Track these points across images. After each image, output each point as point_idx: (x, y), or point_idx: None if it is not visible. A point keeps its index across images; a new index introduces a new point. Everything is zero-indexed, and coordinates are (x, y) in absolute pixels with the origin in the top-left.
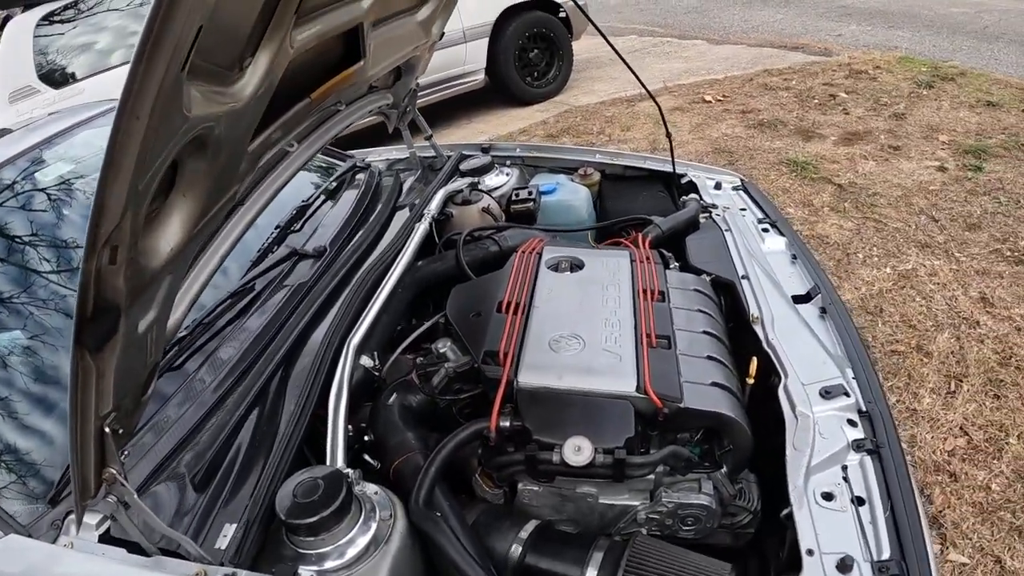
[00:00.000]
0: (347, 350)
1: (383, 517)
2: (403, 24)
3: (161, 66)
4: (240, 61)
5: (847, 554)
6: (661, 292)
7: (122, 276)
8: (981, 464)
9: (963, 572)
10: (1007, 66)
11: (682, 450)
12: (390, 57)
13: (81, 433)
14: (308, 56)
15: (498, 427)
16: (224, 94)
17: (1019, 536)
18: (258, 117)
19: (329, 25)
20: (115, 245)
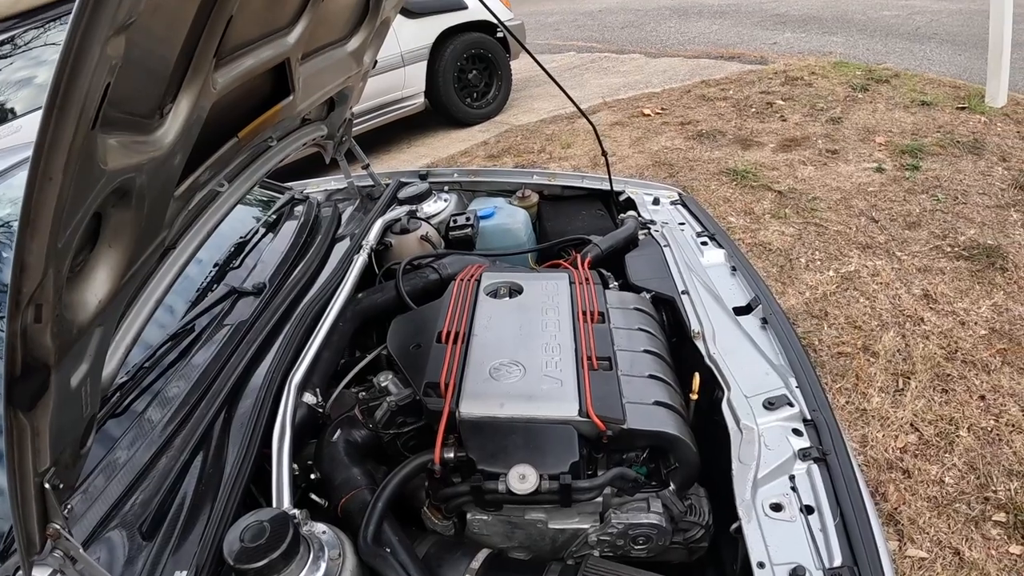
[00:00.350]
0: (289, 389)
1: (332, 556)
2: (333, 56)
3: (70, 125)
4: (160, 108)
5: (798, 564)
6: (601, 313)
7: (48, 333)
8: (933, 459)
9: (922, 566)
10: (939, 65)
11: (628, 471)
12: (321, 89)
13: (21, 491)
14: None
15: (442, 459)
16: (144, 142)
17: (975, 527)
18: (183, 162)
19: (254, 63)
20: (39, 303)
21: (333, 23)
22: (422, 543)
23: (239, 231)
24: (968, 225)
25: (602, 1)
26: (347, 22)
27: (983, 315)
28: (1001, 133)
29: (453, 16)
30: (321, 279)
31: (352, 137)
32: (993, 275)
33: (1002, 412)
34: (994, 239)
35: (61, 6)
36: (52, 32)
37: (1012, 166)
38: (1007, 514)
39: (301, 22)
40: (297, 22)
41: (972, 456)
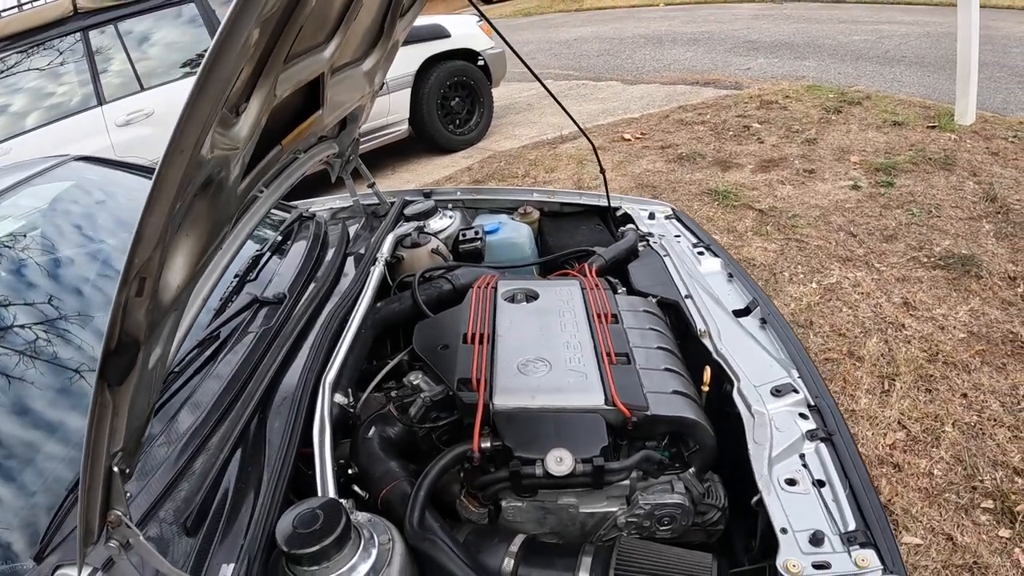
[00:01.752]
0: (323, 388)
1: (382, 542)
2: (352, 74)
3: (209, 104)
4: (238, 106)
5: (817, 529)
6: (614, 315)
7: (144, 308)
8: (922, 453)
9: (918, 552)
10: (909, 86)
11: (653, 454)
12: (342, 106)
13: (91, 472)
14: (279, 105)
15: (480, 448)
16: (226, 137)
17: (966, 514)
18: (247, 161)
19: (301, 74)
20: (143, 276)
21: (354, 44)
22: (459, 531)
23: (253, 246)
24: (943, 237)
25: (577, 30)
26: (364, 43)
27: (961, 319)
28: (971, 149)
29: (436, 44)
30: (339, 290)
31: (359, 157)
32: (969, 282)
33: (984, 408)
34: (968, 249)
35: (48, 30)
36: (36, 58)
37: (982, 180)
38: (994, 501)
39: (336, 38)
40: (332, 38)
41: (958, 449)
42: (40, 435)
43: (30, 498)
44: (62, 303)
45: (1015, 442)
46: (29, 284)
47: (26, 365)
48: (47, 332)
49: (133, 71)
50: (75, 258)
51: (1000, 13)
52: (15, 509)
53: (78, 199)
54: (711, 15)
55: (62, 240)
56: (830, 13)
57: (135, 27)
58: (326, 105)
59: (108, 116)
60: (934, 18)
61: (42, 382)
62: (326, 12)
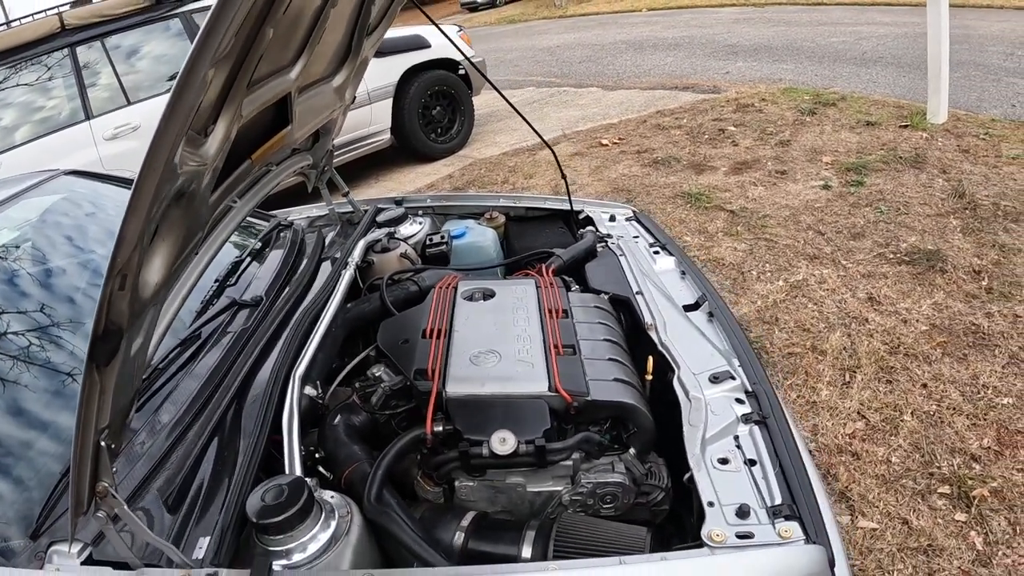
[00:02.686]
0: (293, 381)
1: (341, 515)
2: (321, 91)
3: (175, 129)
4: (206, 128)
5: (744, 503)
6: (565, 310)
7: (127, 301)
8: (880, 442)
9: (874, 536)
10: (884, 87)
11: (593, 435)
12: (312, 121)
13: (81, 445)
14: (248, 123)
15: (433, 431)
16: (196, 155)
17: (922, 499)
18: (215, 175)
19: (267, 95)
20: (125, 273)
21: (322, 62)
22: (416, 510)
23: (234, 252)
24: (910, 233)
25: (560, 37)
26: (332, 61)
27: (924, 313)
28: (942, 147)
29: (417, 55)
30: (312, 292)
31: (333, 167)
32: (933, 277)
33: (943, 397)
34: (934, 244)
35: (36, 47)
36: (25, 73)
37: (952, 177)
38: (951, 487)
39: (300, 61)
40: (297, 61)
41: (916, 438)
42: (35, 429)
43: (26, 483)
44: (54, 311)
45: (974, 430)
46: (22, 293)
47: (21, 366)
48: (42, 335)
49: (120, 85)
50: (66, 268)
51: (980, 12)
52: (12, 493)
53: (68, 212)
54: (692, 19)
55: (53, 251)
56: (810, 16)
57: (121, 42)
58: (295, 121)
59: (96, 130)
60: (913, 18)
61: (36, 383)
62: (288, 39)
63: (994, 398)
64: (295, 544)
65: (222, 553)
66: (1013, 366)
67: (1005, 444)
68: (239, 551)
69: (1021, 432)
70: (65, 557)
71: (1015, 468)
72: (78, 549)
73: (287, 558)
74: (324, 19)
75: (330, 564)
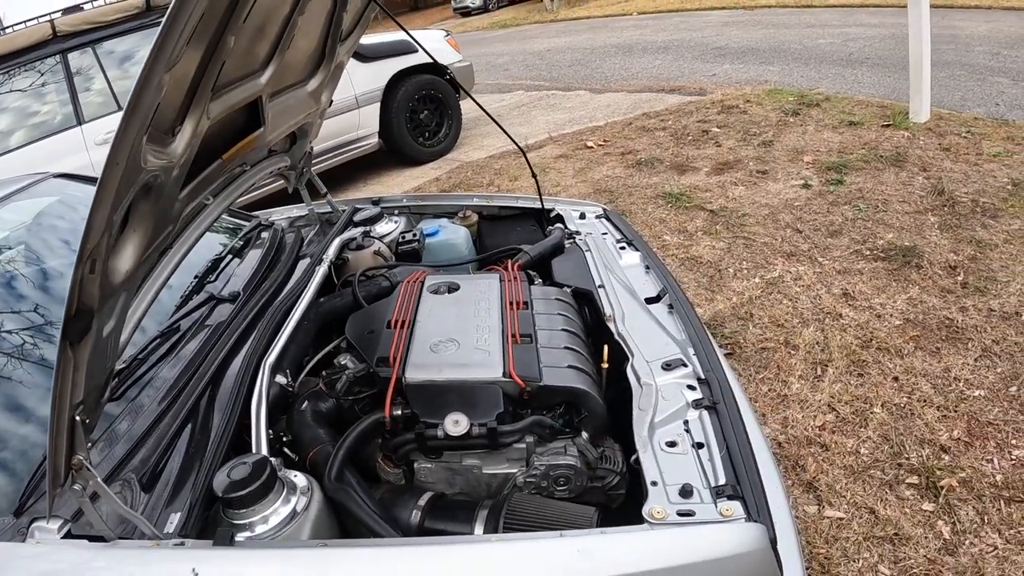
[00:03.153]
0: (263, 369)
1: (303, 491)
2: (295, 95)
3: (135, 128)
4: (173, 128)
5: (687, 482)
6: (525, 302)
7: (97, 284)
8: (849, 434)
9: (840, 525)
10: (868, 87)
11: (544, 419)
12: (286, 124)
13: (57, 420)
14: (219, 124)
15: (392, 415)
16: (163, 152)
17: (890, 489)
18: (184, 172)
19: (236, 98)
20: (94, 258)
21: (295, 67)
22: (377, 491)
23: (216, 251)
24: (887, 230)
25: (551, 41)
26: (306, 66)
27: (898, 308)
28: (923, 146)
29: (404, 59)
30: (288, 287)
31: (312, 170)
32: (909, 272)
33: (914, 390)
34: (911, 241)
35: (28, 53)
36: (17, 79)
37: (932, 175)
38: (919, 477)
39: (271, 66)
40: (267, 66)
41: (886, 429)
42: (19, 416)
43: (10, 465)
44: (38, 304)
45: (944, 421)
46: (12, 290)
47: (10, 360)
48: (25, 326)
49: (111, 91)
50: (55, 267)
51: (967, 12)
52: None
53: (61, 213)
54: (682, 23)
55: (46, 250)
56: (799, 18)
57: (112, 48)
58: (267, 124)
59: (87, 135)
60: (899, 20)
61: (20, 372)
62: (254, 46)
63: (965, 390)
64: (257, 517)
65: (189, 526)
66: (985, 359)
67: (975, 435)
68: (207, 526)
69: (992, 424)
70: (45, 532)
71: (984, 459)
72: (58, 525)
73: (250, 530)
74: (292, 27)
75: (290, 536)
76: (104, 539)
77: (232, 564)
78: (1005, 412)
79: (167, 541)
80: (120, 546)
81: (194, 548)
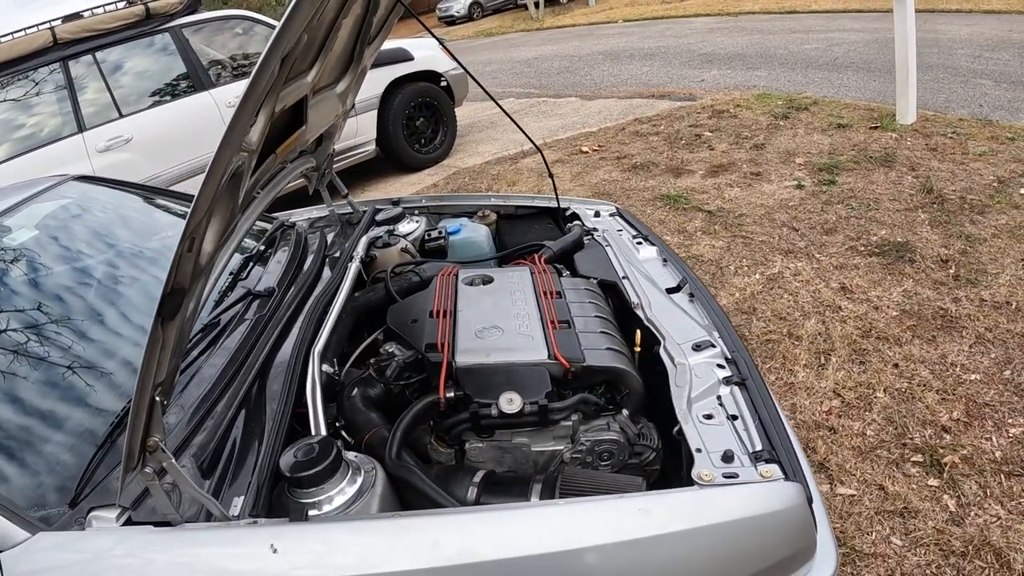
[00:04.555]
0: (313, 357)
1: (367, 470)
2: (328, 96)
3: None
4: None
5: (728, 449)
6: (558, 292)
7: (192, 262)
8: (855, 417)
9: (852, 501)
10: (855, 91)
11: (590, 396)
12: (321, 123)
13: (138, 400)
14: (273, 121)
15: (445, 396)
16: (246, 140)
17: (896, 467)
18: (254, 162)
19: (291, 96)
20: (194, 237)
21: (330, 69)
22: (430, 471)
23: (243, 249)
24: (880, 227)
25: (538, 49)
26: (337, 68)
27: (894, 300)
28: (911, 147)
29: (400, 67)
30: (321, 283)
31: (333, 171)
32: (903, 266)
33: (914, 375)
34: (903, 237)
35: (29, 60)
36: (19, 86)
37: (920, 174)
38: (923, 455)
39: (317, 65)
40: (313, 67)
41: (889, 412)
42: (70, 408)
43: (63, 456)
44: (80, 304)
45: (944, 404)
46: (54, 288)
47: (63, 350)
48: (69, 326)
49: (112, 98)
50: (92, 265)
51: (948, 16)
52: (51, 463)
53: (80, 215)
54: (667, 30)
55: (68, 251)
56: (783, 24)
57: (113, 56)
58: (308, 122)
59: (89, 142)
60: (883, 24)
61: (75, 363)
62: (309, 46)
63: (962, 375)
64: (324, 496)
65: (258, 507)
66: (980, 345)
67: (973, 416)
68: (271, 508)
69: (989, 405)
70: (104, 521)
71: (983, 437)
72: (116, 513)
73: (318, 508)
74: (337, 29)
75: (359, 512)
76: (170, 524)
77: (311, 538)
78: (1000, 394)
79: (239, 521)
80: (189, 528)
81: (269, 526)
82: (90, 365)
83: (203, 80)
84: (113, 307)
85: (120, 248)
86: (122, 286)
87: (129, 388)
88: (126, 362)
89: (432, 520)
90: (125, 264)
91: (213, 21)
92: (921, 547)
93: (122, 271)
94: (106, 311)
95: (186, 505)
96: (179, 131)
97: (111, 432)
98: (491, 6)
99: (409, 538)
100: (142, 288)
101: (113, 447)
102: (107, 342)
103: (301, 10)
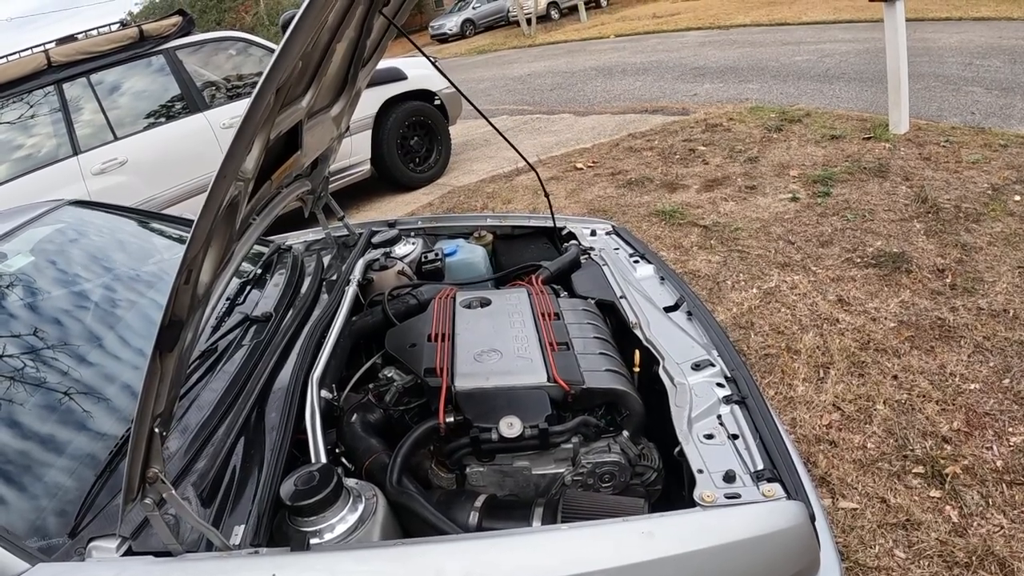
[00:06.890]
0: (312, 383)
1: (368, 497)
2: (323, 119)
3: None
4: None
5: (730, 469)
6: (556, 313)
7: (189, 294)
8: (856, 430)
9: (855, 515)
10: (847, 102)
11: (590, 419)
12: (316, 147)
13: (137, 431)
14: (269, 147)
15: (445, 421)
16: (242, 169)
17: (898, 479)
18: (250, 189)
19: (286, 121)
20: (191, 269)
21: (325, 92)
22: (431, 496)
23: (240, 273)
24: (875, 238)
25: (530, 66)
26: (331, 91)
27: (892, 311)
28: (904, 156)
29: (394, 87)
30: (319, 308)
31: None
32: (899, 277)
33: (913, 386)
34: (899, 247)
35: (23, 83)
36: (13, 109)
37: (914, 184)
38: (925, 467)
39: (311, 90)
40: (308, 91)
41: (889, 424)
42: (71, 435)
43: (62, 486)
44: (78, 329)
45: (943, 414)
46: (49, 313)
47: (60, 375)
48: (66, 350)
49: (106, 121)
50: (87, 290)
51: (938, 25)
52: (50, 493)
53: (76, 240)
54: (659, 44)
55: (64, 276)
56: (774, 36)
57: (107, 78)
58: (304, 147)
59: (84, 165)
60: (873, 35)
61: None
62: (304, 71)
63: (961, 385)
64: (325, 525)
65: (260, 536)
66: (978, 355)
67: (974, 426)
68: (272, 537)
69: (989, 414)
70: (104, 551)
71: (984, 447)
72: (116, 543)
73: (319, 537)
74: (331, 53)
75: (361, 540)
76: (171, 554)
77: (313, 568)
78: (1000, 403)
79: (240, 551)
80: (190, 559)
81: (271, 555)
82: (88, 391)
83: (197, 102)
84: (110, 331)
85: (117, 272)
86: (119, 310)
87: (128, 413)
88: (124, 387)
89: (435, 547)
90: (122, 288)
91: (207, 43)
92: (924, 559)
93: (119, 295)
94: (103, 336)
95: (186, 534)
96: (174, 153)
97: (111, 459)
98: (483, 23)
99: (413, 565)
100: (139, 312)
101: (113, 475)
102: (104, 367)
103: (296, 42)
